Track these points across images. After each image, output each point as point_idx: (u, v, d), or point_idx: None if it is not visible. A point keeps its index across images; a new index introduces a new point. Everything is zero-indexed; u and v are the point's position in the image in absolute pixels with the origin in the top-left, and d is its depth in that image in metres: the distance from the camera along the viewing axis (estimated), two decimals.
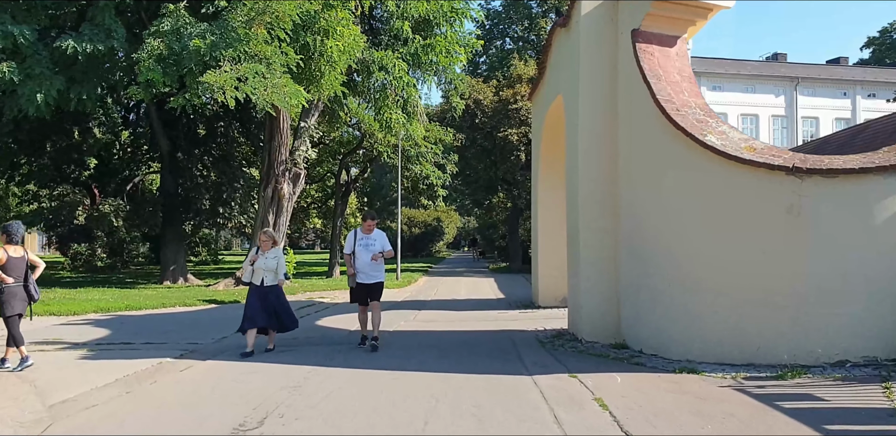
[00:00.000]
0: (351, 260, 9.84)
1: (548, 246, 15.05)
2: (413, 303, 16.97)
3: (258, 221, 22.03)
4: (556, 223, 14.96)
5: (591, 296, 9.68)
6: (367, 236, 9.81)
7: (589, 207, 9.88)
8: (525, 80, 32.03)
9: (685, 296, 8.13)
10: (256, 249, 10.26)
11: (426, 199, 29.53)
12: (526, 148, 31.60)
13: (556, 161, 14.89)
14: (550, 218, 15.06)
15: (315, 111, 22.59)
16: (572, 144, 10.64)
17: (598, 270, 9.71)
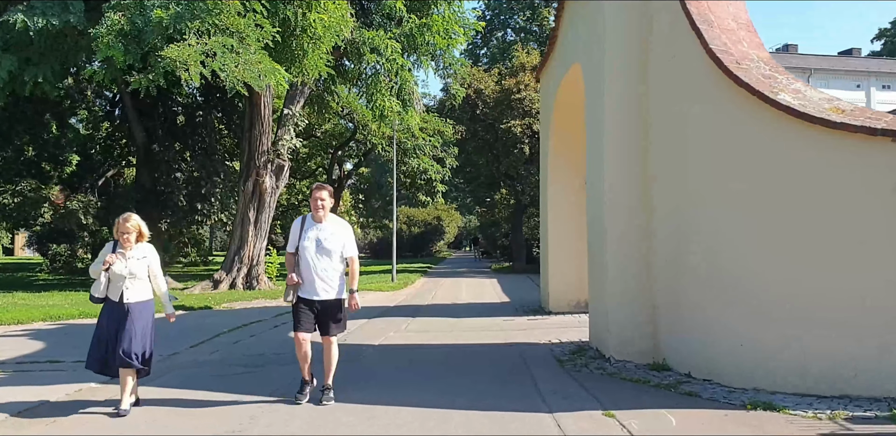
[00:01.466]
0: (294, 262, 6.30)
1: (559, 245, 13.14)
2: (407, 308, 15.06)
3: (238, 217, 20.15)
4: (569, 219, 13.07)
5: (621, 307, 7.74)
6: (318, 227, 6.28)
7: (617, 200, 7.93)
8: (528, 69, 30.11)
9: (749, 304, 6.21)
10: (114, 245, 6.19)
11: (424, 194, 27.66)
12: (530, 141, 29.71)
13: (570, 148, 13.00)
14: (563, 213, 13.16)
15: (300, 97, 20.70)
16: (595, 121, 8.73)
17: (631, 275, 7.77)
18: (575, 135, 12.68)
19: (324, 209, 6.33)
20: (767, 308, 6.03)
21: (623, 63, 8.00)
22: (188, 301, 16.12)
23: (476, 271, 32.91)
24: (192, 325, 12.48)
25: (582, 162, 12.83)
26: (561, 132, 13.04)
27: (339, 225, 6.48)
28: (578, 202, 12.70)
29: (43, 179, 25.62)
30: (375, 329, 11.36)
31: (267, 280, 20.05)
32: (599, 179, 8.24)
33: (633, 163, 7.87)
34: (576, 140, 12.65)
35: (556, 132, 13.11)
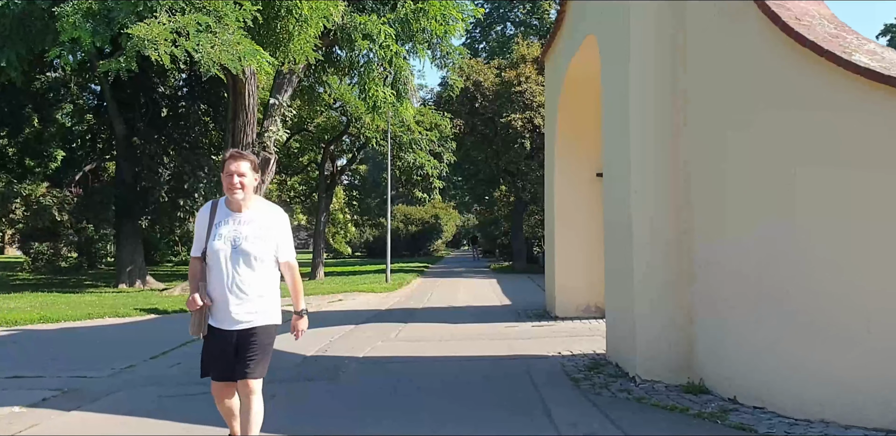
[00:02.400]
0: (200, 270, 4.28)
1: (567, 244, 11.92)
2: (400, 313, 13.83)
3: None
4: (579, 216, 11.87)
5: (651, 318, 6.49)
6: (235, 218, 4.23)
7: (645, 192, 6.67)
8: (529, 61, 28.92)
9: (819, 322, 4.98)
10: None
11: (420, 191, 26.38)
12: (531, 135, 28.51)
13: (581, 135, 11.81)
14: (571, 209, 11.94)
15: (288, 87, 19.45)
16: (615, 97, 7.49)
17: (662, 282, 6.52)
18: (587, 121, 11.50)
19: (244, 190, 4.15)
20: (846, 328, 4.78)
21: (652, 24, 6.74)
22: (163, 304, 14.90)
23: (475, 271, 31.70)
24: (161, 331, 11.28)
25: (594, 151, 11.61)
26: (570, 118, 11.81)
27: (268, 214, 4.33)
28: (590, 196, 11.51)
29: (22, 175, 24.33)
30: (362, 338, 10.13)
31: None
32: (623, 167, 7.01)
33: (665, 146, 6.63)
34: (588, 126, 11.46)
35: (564, 118, 11.87)
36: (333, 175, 27.83)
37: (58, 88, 24.42)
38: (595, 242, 11.44)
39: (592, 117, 11.48)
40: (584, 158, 11.80)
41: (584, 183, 11.82)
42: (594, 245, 11.50)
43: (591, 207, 11.70)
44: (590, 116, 11.51)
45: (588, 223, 11.74)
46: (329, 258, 50.68)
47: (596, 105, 11.55)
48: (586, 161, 11.79)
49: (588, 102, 11.42)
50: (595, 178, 11.68)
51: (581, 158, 11.83)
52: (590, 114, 11.48)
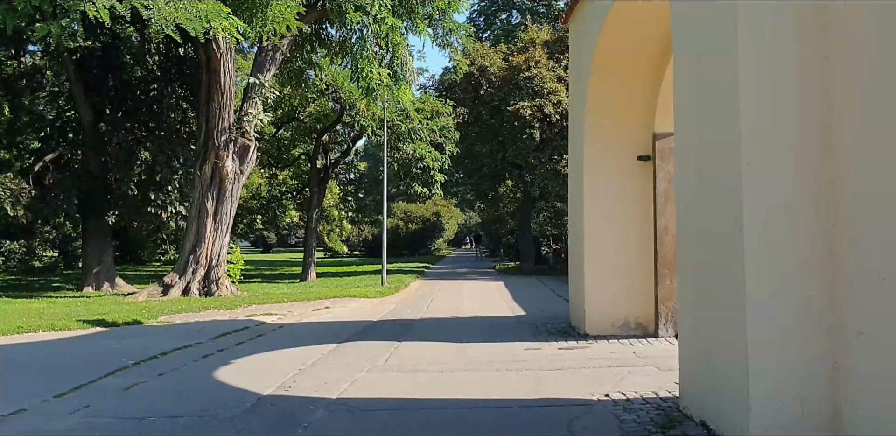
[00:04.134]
0: None
1: (601, 244, 9.63)
2: (393, 325, 11.56)
3: (193, 208, 16.65)
4: (616, 208, 9.65)
5: (778, 356, 4.18)
6: None
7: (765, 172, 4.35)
8: (539, 45, 26.65)
9: None
10: None
11: (420, 185, 24.07)
12: (541, 124, 26.23)
13: (617, 111, 9.60)
14: (607, 201, 9.64)
15: (271, 65, 17.19)
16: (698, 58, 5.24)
17: (796, 303, 4.23)
18: (626, 93, 9.31)
19: None
20: None
21: None
22: (116, 313, 12.65)
23: (478, 272, 29.44)
24: (94, 351, 9.04)
25: (636, 129, 9.36)
26: (604, 91, 9.50)
27: None
28: (630, 184, 9.28)
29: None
30: (341, 364, 7.87)
31: (229, 284, 16.56)
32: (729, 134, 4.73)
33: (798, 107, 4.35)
34: (628, 100, 9.25)
35: (596, 92, 9.55)
36: (327, 168, 25.56)
37: (31, 75, 22.15)
38: (638, 241, 9.21)
39: (636, 88, 9.25)
40: (623, 139, 9.54)
41: (622, 169, 9.55)
42: (637, 245, 9.27)
43: (632, 198, 9.46)
44: (631, 88, 9.28)
45: (627, 218, 9.49)
46: (326, 257, 48.54)
47: (640, 72, 9.31)
48: (625, 142, 9.53)
49: (629, 70, 9.19)
50: (637, 162, 9.42)
51: (618, 138, 9.56)
52: (631, 84, 9.26)
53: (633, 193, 9.50)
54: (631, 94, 9.39)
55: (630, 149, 9.51)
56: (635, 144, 9.50)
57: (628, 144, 9.51)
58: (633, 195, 9.50)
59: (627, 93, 9.40)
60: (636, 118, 9.45)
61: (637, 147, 9.50)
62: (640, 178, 9.48)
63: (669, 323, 9.14)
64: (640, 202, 9.47)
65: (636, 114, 9.44)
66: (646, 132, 9.43)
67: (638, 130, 9.46)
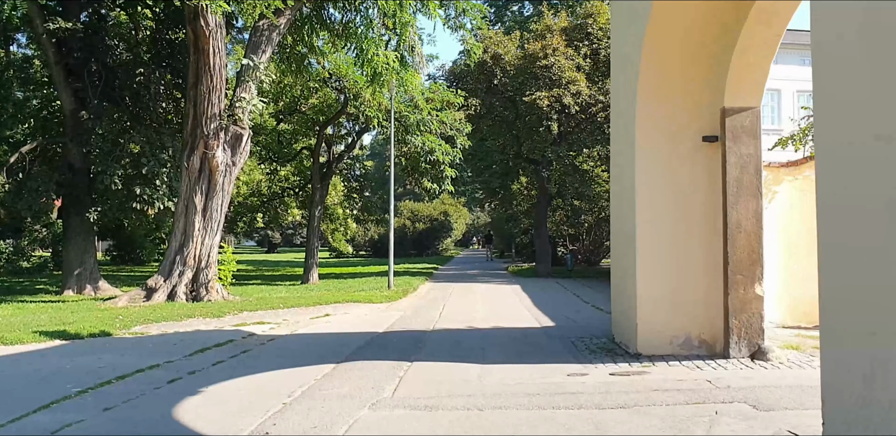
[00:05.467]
0: None
1: (657, 243, 7.91)
2: (401, 338, 9.87)
3: (180, 204, 14.99)
4: (676, 200, 7.90)
5: None
6: None
7: None
8: (557, 32, 24.92)
9: None
10: None
11: (429, 181, 22.35)
12: (559, 116, 24.51)
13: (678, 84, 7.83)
14: (665, 191, 7.91)
15: (267, 46, 15.52)
16: None
17: None
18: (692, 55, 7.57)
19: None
20: None
21: None
22: (85, 322, 11.00)
23: (491, 274, 27.74)
24: (37, 373, 7.40)
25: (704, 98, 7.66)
26: (666, 58, 7.78)
27: None
28: (693, 171, 7.63)
29: None
30: (337, 396, 6.18)
31: (220, 288, 14.90)
32: None
33: None
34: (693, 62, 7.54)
35: (655, 58, 7.83)
36: (330, 163, 23.89)
37: (18, 64, 20.54)
38: (703, 240, 7.55)
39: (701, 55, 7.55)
40: (683, 118, 7.84)
41: (682, 154, 7.85)
42: (702, 245, 7.58)
43: (695, 189, 7.76)
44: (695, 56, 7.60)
45: (690, 212, 7.79)
46: (331, 258, 46.88)
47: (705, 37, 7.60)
48: (686, 121, 7.83)
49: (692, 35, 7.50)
50: (701, 144, 7.72)
51: (677, 117, 7.85)
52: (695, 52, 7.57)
53: (696, 183, 7.80)
54: (694, 63, 7.68)
55: (692, 129, 7.81)
56: (698, 123, 7.80)
57: (690, 123, 7.81)
58: (696, 185, 7.80)
59: (689, 62, 7.70)
60: (699, 91, 7.75)
61: (701, 126, 7.79)
62: (705, 163, 7.78)
63: (743, 341, 7.44)
64: (706, 193, 7.77)
65: (699, 86, 7.74)
66: (712, 107, 7.73)
67: (702, 106, 7.77)
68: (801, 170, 9.93)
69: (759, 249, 7.47)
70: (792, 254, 9.92)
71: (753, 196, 7.47)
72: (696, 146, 7.78)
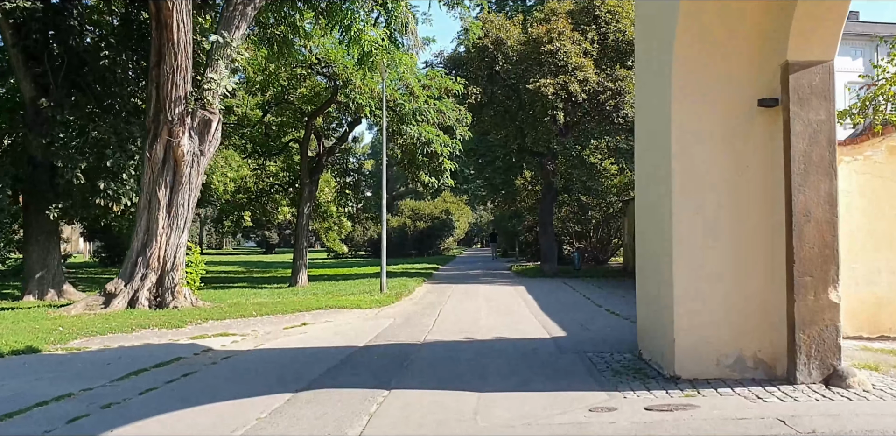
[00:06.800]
0: None
1: (700, 240, 6.22)
2: (384, 355, 8.21)
3: (142, 199, 13.38)
4: (728, 185, 6.25)
5: None
6: None
7: None
8: (562, 15, 23.24)
9: None
10: None
11: (427, 174, 20.71)
12: (564, 105, 22.86)
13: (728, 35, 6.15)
14: (713, 171, 6.24)
15: (241, 21, 13.88)
16: None
17: None
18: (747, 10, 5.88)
19: None
20: None
21: None
22: (16, 335, 9.38)
23: (494, 274, 26.08)
24: None
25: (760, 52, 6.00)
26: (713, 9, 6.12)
27: None
28: (746, 145, 6.01)
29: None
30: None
31: (188, 293, 13.27)
32: None
33: None
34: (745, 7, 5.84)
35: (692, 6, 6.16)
36: (320, 157, 22.24)
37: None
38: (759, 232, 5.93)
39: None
40: (733, 78, 6.18)
41: (732, 124, 6.18)
42: (757, 239, 5.96)
43: (748, 167, 6.11)
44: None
45: (741, 198, 6.14)
46: (328, 258, 45.22)
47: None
48: (737, 82, 6.17)
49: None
50: (756, 110, 6.05)
51: (725, 78, 6.18)
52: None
53: (750, 160, 6.14)
54: (746, 7, 6.02)
55: (744, 91, 6.15)
56: (753, 84, 6.14)
57: (741, 83, 6.16)
58: (751, 163, 6.14)
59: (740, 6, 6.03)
60: (753, 42, 6.10)
61: (756, 87, 6.13)
62: (761, 135, 6.12)
63: (814, 361, 5.78)
64: (764, 173, 6.12)
65: (753, 35, 6.08)
66: (770, 63, 6.06)
67: (757, 61, 6.11)
68: (861, 149, 8.25)
69: (833, 243, 5.82)
70: (850, 249, 8.22)
71: (826, 175, 5.81)
72: (750, 114, 6.11)
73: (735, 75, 6.16)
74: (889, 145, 8.12)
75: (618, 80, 22.02)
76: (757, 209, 6.10)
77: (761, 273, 6.08)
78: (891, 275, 8.09)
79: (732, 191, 6.14)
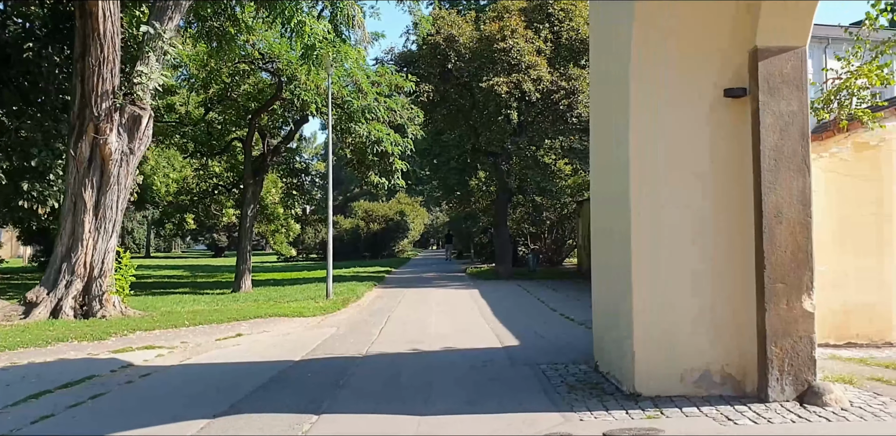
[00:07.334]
0: None
1: (662, 243, 5.67)
2: (321, 370, 7.50)
3: (67, 198, 12.44)
4: (685, 182, 5.71)
5: None
6: None
7: None
8: (515, 12, 22.78)
9: None
10: None
11: (377, 175, 20.00)
12: (518, 104, 22.41)
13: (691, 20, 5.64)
14: (672, 171, 5.71)
15: (175, 12, 13.02)
16: None
17: None
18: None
19: None
20: None
21: None
22: None
23: (448, 277, 25.48)
24: None
25: (727, 38, 5.49)
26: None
27: None
28: (711, 139, 5.50)
29: None
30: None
31: (117, 302, 12.37)
32: None
33: None
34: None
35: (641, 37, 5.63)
36: (265, 156, 21.34)
37: None
38: (726, 234, 5.38)
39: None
40: (696, 67, 5.65)
41: (695, 116, 5.66)
42: (724, 241, 5.42)
43: (714, 163, 5.59)
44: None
45: (706, 197, 5.61)
46: (278, 262, 43.98)
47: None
48: (700, 71, 5.64)
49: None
50: (723, 101, 5.53)
51: (688, 66, 5.65)
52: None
53: (716, 156, 5.61)
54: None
55: (709, 80, 5.63)
56: (719, 72, 5.62)
57: (706, 72, 5.63)
58: (716, 159, 5.61)
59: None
60: (720, 26, 5.57)
61: (722, 76, 5.61)
62: (728, 128, 5.60)
63: (787, 377, 5.27)
64: (731, 170, 5.59)
65: (720, 20, 5.57)
66: (738, 49, 5.55)
67: (723, 47, 5.59)
68: (826, 146, 7.84)
69: (807, 247, 5.33)
70: (817, 252, 7.79)
71: (799, 171, 5.31)
72: (716, 105, 5.59)
73: (700, 63, 5.63)
74: (855, 142, 7.72)
75: (571, 79, 21.65)
76: (726, 209, 5.57)
77: (730, 281, 5.56)
78: (858, 279, 7.68)
79: (698, 191, 5.61)
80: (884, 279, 7.73)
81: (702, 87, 5.63)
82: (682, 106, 5.67)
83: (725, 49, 5.59)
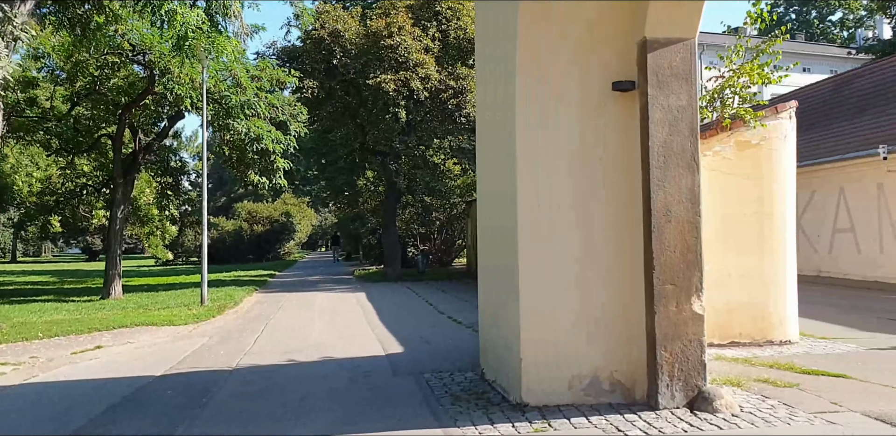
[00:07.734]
0: None
1: (548, 244, 5.35)
2: (182, 387, 6.80)
3: None
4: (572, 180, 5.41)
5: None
6: None
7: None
8: (402, 9, 22.40)
9: None
10: None
11: (257, 174, 19.08)
12: (406, 103, 21.99)
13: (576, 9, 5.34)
14: (557, 169, 5.40)
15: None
16: None
17: None
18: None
19: None
20: None
21: None
22: None
23: (335, 280, 24.77)
24: None
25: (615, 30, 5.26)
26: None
27: None
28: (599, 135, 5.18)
29: None
30: None
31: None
32: None
33: None
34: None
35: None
36: (136, 155, 19.97)
37: None
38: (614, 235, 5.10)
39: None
40: (583, 59, 5.37)
41: (581, 112, 5.38)
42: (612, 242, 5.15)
43: (601, 160, 5.32)
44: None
45: (592, 195, 5.34)
46: (155, 266, 41.77)
47: None
48: (588, 64, 5.37)
49: None
50: (611, 95, 5.28)
51: (578, 56, 5.37)
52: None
53: (603, 152, 5.35)
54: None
55: (597, 73, 5.36)
56: (606, 65, 5.36)
57: (593, 64, 5.36)
58: (604, 155, 5.35)
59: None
60: (609, 18, 5.32)
61: (610, 69, 5.36)
62: (616, 123, 5.35)
63: (677, 382, 5.06)
64: (619, 166, 5.34)
65: (608, 11, 5.31)
66: (626, 42, 5.31)
67: (611, 38, 5.34)
68: (709, 144, 7.81)
69: (696, 247, 5.14)
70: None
71: (688, 168, 5.12)
72: (604, 99, 5.33)
73: (588, 56, 5.36)
74: (738, 141, 7.73)
75: (460, 78, 21.45)
76: (615, 208, 5.32)
77: (618, 282, 5.31)
78: (740, 278, 7.69)
79: (584, 189, 5.33)
80: (765, 278, 7.77)
81: (590, 81, 5.37)
82: (569, 101, 5.38)
83: (613, 41, 5.34)
